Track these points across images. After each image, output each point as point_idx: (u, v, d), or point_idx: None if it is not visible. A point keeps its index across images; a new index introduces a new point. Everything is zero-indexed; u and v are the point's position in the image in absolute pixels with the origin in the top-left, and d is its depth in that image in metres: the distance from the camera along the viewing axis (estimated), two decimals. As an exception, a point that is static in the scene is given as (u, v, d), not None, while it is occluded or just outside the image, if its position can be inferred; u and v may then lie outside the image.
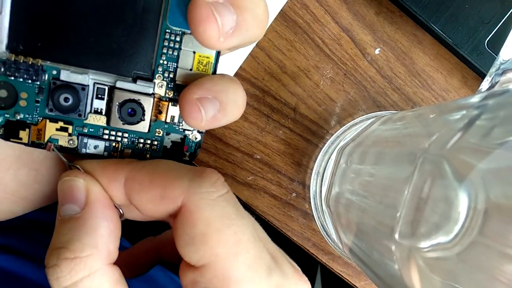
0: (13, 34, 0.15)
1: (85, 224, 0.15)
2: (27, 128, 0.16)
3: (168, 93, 0.17)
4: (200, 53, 0.16)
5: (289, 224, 0.30)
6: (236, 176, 0.29)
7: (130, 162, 0.17)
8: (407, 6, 0.27)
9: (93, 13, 0.16)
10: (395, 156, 0.20)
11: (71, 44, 0.16)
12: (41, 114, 0.16)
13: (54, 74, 0.16)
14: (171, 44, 0.16)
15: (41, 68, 0.16)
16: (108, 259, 0.15)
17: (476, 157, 0.14)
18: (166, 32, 0.16)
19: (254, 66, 0.28)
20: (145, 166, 0.16)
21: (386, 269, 0.18)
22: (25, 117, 0.16)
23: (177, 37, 0.16)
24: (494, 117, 0.15)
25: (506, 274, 0.12)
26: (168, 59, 0.16)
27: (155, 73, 0.16)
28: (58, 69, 0.16)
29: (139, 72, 0.16)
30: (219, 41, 0.15)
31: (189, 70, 0.17)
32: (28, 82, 0.16)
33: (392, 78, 0.29)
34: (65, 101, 0.16)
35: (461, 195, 0.14)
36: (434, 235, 0.14)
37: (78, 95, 0.16)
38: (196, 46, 0.16)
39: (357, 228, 0.22)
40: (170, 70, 0.17)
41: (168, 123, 0.17)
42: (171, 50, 0.16)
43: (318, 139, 0.29)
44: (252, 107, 0.28)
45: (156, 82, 0.17)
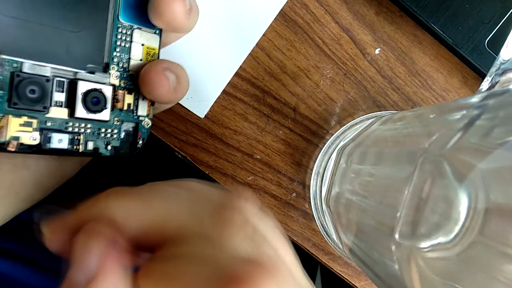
0: None
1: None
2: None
3: (122, 83, 0.18)
4: (147, 45, 0.19)
5: (289, 224, 0.30)
6: (236, 176, 0.29)
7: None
8: (407, 6, 0.27)
9: (47, 8, 0.16)
10: (395, 156, 0.20)
11: (26, 39, 0.16)
12: (2, 111, 0.16)
13: (15, 67, 0.16)
14: (123, 37, 0.18)
15: (4, 60, 0.15)
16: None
17: (476, 157, 0.14)
18: (119, 27, 0.18)
19: (254, 66, 0.28)
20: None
21: (386, 269, 0.18)
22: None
23: (128, 31, 0.18)
24: (494, 117, 0.15)
25: (506, 274, 0.12)
26: (121, 51, 0.18)
27: (110, 64, 0.18)
28: (20, 62, 0.16)
29: (92, 65, 0.18)
30: (185, 16, 0.17)
31: (139, 61, 0.19)
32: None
33: (392, 78, 0.29)
34: (32, 93, 0.16)
35: (461, 195, 0.14)
36: (434, 235, 0.14)
37: (44, 87, 0.16)
38: (144, 39, 0.19)
39: (357, 228, 0.22)
40: (123, 61, 0.18)
41: (124, 110, 0.19)
42: (123, 43, 0.18)
43: (318, 139, 0.29)
44: (252, 107, 0.28)
45: (112, 73, 0.18)
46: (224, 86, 0.28)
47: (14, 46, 0.16)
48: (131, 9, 0.18)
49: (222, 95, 0.28)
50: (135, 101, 0.19)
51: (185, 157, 0.28)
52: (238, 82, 0.28)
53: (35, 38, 0.16)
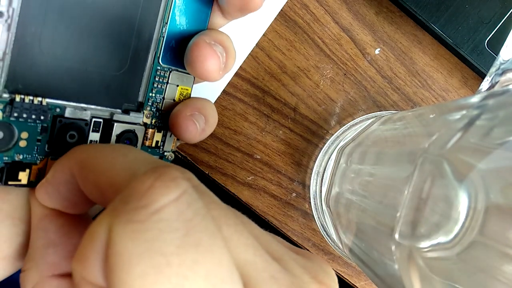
0: (12, 73, 0.15)
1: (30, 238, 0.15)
2: (27, 169, 0.16)
3: (153, 121, 0.19)
4: (182, 86, 0.19)
5: (289, 224, 0.30)
6: (236, 176, 0.29)
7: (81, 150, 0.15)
8: (407, 6, 0.27)
9: (92, 53, 0.16)
10: (395, 156, 0.20)
11: (69, 81, 0.16)
12: (42, 153, 0.16)
13: (58, 111, 0.16)
14: (161, 79, 0.19)
15: (48, 107, 0.16)
16: (49, 271, 0.15)
17: (476, 157, 0.14)
18: (158, 70, 0.18)
19: (254, 66, 0.28)
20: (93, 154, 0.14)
21: (386, 269, 0.18)
22: (25, 158, 0.16)
23: (166, 73, 0.19)
24: (494, 117, 0.15)
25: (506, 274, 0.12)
26: (157, 92, 0.19)
27: (145, 104, 0.18)
28: (62, 107, 0.16)
29: (128, 104, 0.18)
30: (219, 73, 0.18)
31: (172, 101, 0.19)
32: (30, 121, 0.15)
33: (392, 78, 0.29)
34: (71, 138, 0.16)
35: (461, 195, 0.14)
36: (434, 235, 0.14)
37: (83, 131, 0.17)
38: (179, 80, 0.19)
39: (357, 228, 0.22)
40: (157, 101, 0.19)
41: (151, 147, 0.19)
42: (160, 85, 0.19)
43: (318, 139, 0.29)
44: (252, 107, 0.28)
45: (145, 113, 0.19)
46: (224, 86, 0.28)
47: (58, 89, 0.16)
48: (171, 52, 0.18)
49: (222, 95, 0.28)
50: (163, 137, 0.20)
51: (185, 157, 0.28)
52: (238, 82, 0.28)
53: (78, 81, 0.16)
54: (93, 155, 0.14)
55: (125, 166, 0.13)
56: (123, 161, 0.13)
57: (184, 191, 0.11)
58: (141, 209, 0.10)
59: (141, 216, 0.10)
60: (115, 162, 0.13)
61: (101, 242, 0.10)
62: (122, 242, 0.10)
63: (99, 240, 0.10)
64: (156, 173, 0.11)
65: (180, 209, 0.10)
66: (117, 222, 0.10)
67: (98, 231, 0.10)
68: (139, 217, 0.10)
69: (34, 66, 0.15)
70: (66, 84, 0.16)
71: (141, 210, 0.10)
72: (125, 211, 0.10)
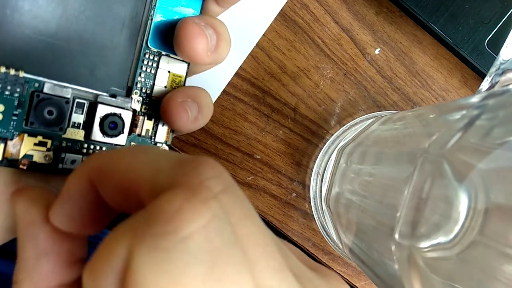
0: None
1: (18, 247, 0.14)
2: (2, 144, 0.15)
3: (143, 108, 0.18)
4: (174, 72, 0.19)
5: (289, 224, 0.30)
6: (236, 176, 0.29)
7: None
8: (407, 6, 0.27)
9: (74, 30, 0.16)
10: (395, 156, 0.20)
11: (50, 58, 0.16)
12: (19, 129, 0.15)
13: (36, 86, 0.15)
14: (150, 63, 0.18)
15: (24, 80, 0.15)
16: (44, 282, 0.14)
17: (476, 157, 0.14)
18: (146, 53, 0.18)
19: (254, 66, 0.28)
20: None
21: (386, 269, 0.18)
22: (1, 132, 0.15)
23: (155, 57, 0.18)
24: (494, 117, 0.15)
25: (506, 274, 0.12)
26: (146, 77, 0.18)
27: (133, 89, 0.18)
28: (41, 82, 0.16)
29: (115, 89, 0.17)
30: (207, 54, 0.17)
31: (163, 87, 0.18)
32: (6, 94, 0.15)
33: (392, 78, 0.29)
34: (49, 114, 0.16)
35: (461, 195, 0.14)
36: (434, 235, 0.14)
37: (62, 109, 0.16)
38: (170, 66, 0.18)
39: (357, 228, 0.22)
40: (147, 87, 0.18)
41: (141, 136, 0.19)
42: (149, 69, 0.18)
43: (318, 139, 0.29)
44: (252, 107, 0.28)
45: (134, 98, 0.18)
46: (224, 86, 0.28)
47: (38, 65, 0.15)
48: (161, 35, 0.18)
49: (222, 95, 0.28)
50: (154, 127, 0.19)
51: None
52: (238, 82, 0.28)
53: (60, 58, 0.16)
54: (112, 157, 0.13)
55: (148, 163, 0.12)
56: (144, 159, 0.12)
57: (214, 216, 0.10)
58: (167, 235, 0.09)
59: (166, 243, 0.09)
60: (136, 160, 0.12)
61: (118, 262, 0.10)
62: (143, 271, 0.09)
63: (117, 259, 0.10)
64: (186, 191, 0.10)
65: (208, 238, 0.10)
66: (140, 246, 0.09)
67: (117, 249, 0.10)
68: (164, 244, 0.09)
69: (14, 39, 0.15)
70: (48, 61, 0.15)
71: (167, 237, 0.09)
72: (149, 235, 0.10)
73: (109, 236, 0.10)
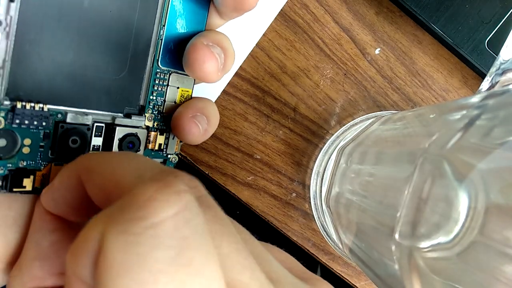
0: (12, 80, 0.15)
1: (24, 245, 0.15)
2: (32, 175, 0.16)
3: (155, 124, 0.19)
4: (182, 88, 0.19)
5: (289, 224, 0.30)
6: (236, 176, 0.29)
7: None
8: (407, 6, 0.27)
9: (89, 56, 0.16)
10: (395, 156, 0.20)
11: (69, 87, 0.16)
12: (45, 159, 0.16)
13: (59, 117, 0.16)
14: (161, 82, 0.19)
15: (49, 113, 0.16)
16: (32, 283, 0.15)
17: (476, 157, 0.14)
18: (157, 72, 0.18)
19: (254, 66, 0.28)
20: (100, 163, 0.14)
21: (386, 269, 0.18)
22: (28, 164, 0.16)
23: (166, 76, 0.19)
24: (494, 117, 0.15)
25: (506, 274, 0.12)
26: (158, 95, 0.19)
27: (146, 107, 0.18)
28: (63, 112, 0.16)
29: (129, 108, 0.18)
30: (217, 74, 0.18)
31: (173, 103, 0.19)
32: (32, 128, 0.15)
33: (392, 78, 0.29)
34: (73, 143, 0.16)
35: (461, 195, 0.14)
36: (434, 235, 0.14)
37: (85, 136, 0.17)
38: (179, 82, 0.19)
39: (357, 228, 0.22)
40: (158, 104, 0.19)
41: (155, 150, 0.19)
42: (160, 87, 0.19)
43: (318, 139, 0.29)
44: (252, 107, 0.28)
45: (147, 116, 0.19)
46: (224, 86, 0.28)
47: (59, 95, 0.16)
48: (170, 54, 0.18)
49: (222, 95, 0.28)
50: (166, 140, 0.20)
51: (185, 157, 0.28)
52: (238, 82, 0.28)
53: (78, 85, 0.16)
54: (100, 160, 0.14)
55: (132, 169, 0.12)
56: (129, 164, 0.13)
57: (184, 206, 0.10)
58: (137, 221, 0.10)
59: (136, 228, 0.10)
60: (122, 165, 0.13)
61: (93, 245, 0.10)
62: (113, 252, 0.10)
63: (92, 242, 0.10)
64: (160, 183, 0.11)
65: (177, 226, 0.10)
66: (112, 230, 0.10)
67: (92, 233, 0.10)
68: (134, 229, 0.10)
69: (34, 73, 0.15)
70: (67, 90, 0.16)
71: (137, 222, 0.10)
72: (121, 220, 0.10)
73: (88, 222, 0.11)
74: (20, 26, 0.14)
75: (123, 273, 0.09)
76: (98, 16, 0.16)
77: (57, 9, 0.15)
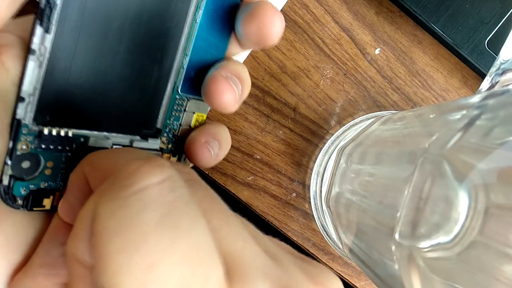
0: (41, 106, 0.15)
1: (34, 252, 0.16)
2: (51, 195, 0.16)
3: (169, 146, 0.19)
4: (198, 113, 0.20)
5: (289, 224, 0.30)
6: (236, 176, 0.29)
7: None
8: (407, 6, 0.27)
9: (110, 81, 0.16)
10: (395, 156, 0.20)
11: (90, 110, 0.16)
12: (66, 180, 0.16)
13: (81, 141, 0.16)
14: (179, 108, 0.19)
15: (73, 138, 0.16)
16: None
17: (476, 157, 0.14)
18: (176, 99, 0.19)
19: (254, 66, 0.28)
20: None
21: (386, 269, 0.18)
22: (49, 185, 0.16)
23: (184, 102, 0.19)
24: (494, 117, 0.15)
25: (506, 274, 0.12)
26: (175, 119, 0.19)
27: (163, 131, 0.19)
28: (86, 136, 0.16)
29: (146, 131, 0.19)
30: (234, 106, 0.18)
31: (188, 127, 0.20)
32: (55, 152, 0.16)
33: (392, 78, 0.29)
34: None
35: (461, 195, 0.14)
36: (434, 235, 0.14)
37: None
38: (195, 107, 0.20)
39: (357, 228, 0.22)
40: (174, 128, 0.19)
41: None
42: (177, 113, 0.19)
43: (318, 139, 0.29)
44: (252, 107, 0.28)
45: (163, 139, 0.19)
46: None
47: (82, 119, 0.16)
48: (190, 82, 0.19)
49: (222, 95, 0.28)
50: (178, 161, 0.20)
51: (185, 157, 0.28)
52: (238, 82, 0.28)
53: (99, 109, 0.17)
54: (102, 155, 0.14)
55: (128, 159, 0.13)
56: (127, 157, 0.13)
57: (168, 177, 0.11)
58: (124, 188, 0.11)
59: (123, 193, 0.11)
60: (121, 158, 0.13)
61: (88, 220, 0.11)
62: (104, 218, 0.10)
63: (87, 218, 0.11)
64: (146, 159, 0.11)
65: (162, 192, 0.11)
66: (102, 199, 0.11)
67: (86, 209, 0.11)
68: (121, 194, 0.11)
69: (61, 99, 0.15)
70: (90, 113, 0.16)
71: (124, 189, 0.11)
72: (110, 191, 0.11)
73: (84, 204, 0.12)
74: (53, 55, 0.15)
75: (114, 235, 0.10)
76: (126, 46, 0.16)
77: (89, 37, 0.15)
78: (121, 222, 0.10)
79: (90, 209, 0.11)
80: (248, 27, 0.17)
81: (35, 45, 0.14)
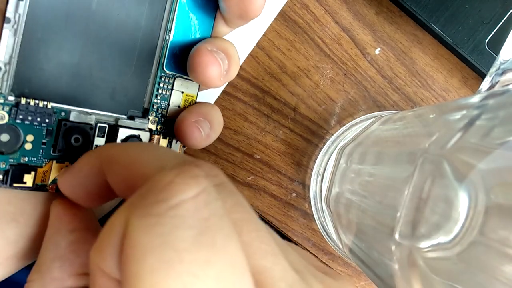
0: (18, 77, 0.15)
1: (41, 249, 0.16)
2: (33, 171, 0.16)
3: (158, 128, 0.19)
4: (187, 92, 0.20)
5: (289, 224, 0.30)
6: (236, 176, 0.29)
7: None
8: (407, 6, 0.27)
9: (95, 58, 0.16)
10: (395, 156, 0.20)
11: (74, 86, 0.16)
12: (47, 156, 0.16)
13: (63, 115, 0.16)
14: (165, 86, 0.19)
15: (52, 110, 0.16)
16: (53, 285, 0.15)
17: (476, 157, 0.14)
18: (162, 76, 0.19)
19: (254, 66, 0.28)
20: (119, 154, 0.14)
21: (386, 269, 0.18)
22: (30, 160, 0.16)
23: (170, 80, 0.19)
24: (494, 117, 0.15)
25: (506, 274, 0.12)
26: (161, 98, 0.19)
27: (150, 110, 0.19)
28: (67, 110, 0.16)
29: (133, 111, 0.18)
30: (220, 80, 0.18)
31: (177, 107, 0.19)
32: (35, 125, 0.16)
33: (392, 78, 0.29)
34: (76, 141, 0.17)
35: (461, 195, 0.14)
36: (434, 235, 0.14)
37: (87, 135, 0.17)
38: (184, 87, 0.19)
39: (357, 228, 0.22)
40: (162, 108, 0.19)
41: None
42: (164, 91, 0.19)
43: (318, 139, 0.29)
44: (252, 107, 0.28)
45: (150, 119, 0.19)
46: (224, 86, 0.28)
47: (63, 94, 0.16)
48: (176, 59, 0.19)
49: (222, 95, 0.28)
50: (169, 144, 0.20)
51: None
52: (238, 82, 0.28)
53: (83, 85, 0.16)
54: (123, 150, 0.14)
55: (154, 159, 0.13)
56: (151, 155, 0.13)
57: (203, 190, 0.11)
58: (158, 203, 0.10)
59: (157, 210, 0.10)
60: (144, 155, 0.13)
61: (118, 234, 0.10)
62: (137, 235, 0.10)
63: (116, 232, 0.10)
64: (178, 170, 0.11)
65: (197, 207, 0.10)
66: (134, 215, 0.10)
67: (116, 223, 0.11)
68: (155, 211, 0.10)
69: (40, 71, 0.15)
70: (71, 89, 0.16)
71: (158, 204, 0.10)
72: (142, 205, 0.10)
73: (111, 217, 0.11)
74: (28, 24, 0.14)
75: (148, 253, 0.10)
76: (106, 19, 0.16)
77: (65, 10, 0.15)
78: (155, 240, 0.10)
79: (120, 223, 0.10)
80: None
81: (9, 13, 0.14)
